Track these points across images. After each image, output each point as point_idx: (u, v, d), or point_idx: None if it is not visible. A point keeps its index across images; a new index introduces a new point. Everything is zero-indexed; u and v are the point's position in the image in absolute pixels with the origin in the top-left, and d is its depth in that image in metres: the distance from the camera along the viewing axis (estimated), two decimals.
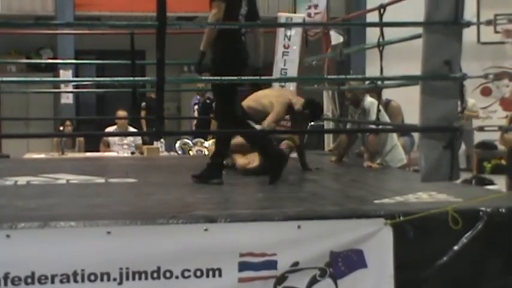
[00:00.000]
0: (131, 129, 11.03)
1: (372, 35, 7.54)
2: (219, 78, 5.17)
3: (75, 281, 3.28)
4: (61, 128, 11.37)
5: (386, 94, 7.47)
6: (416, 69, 4.26)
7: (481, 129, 4.55)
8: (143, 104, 12.58)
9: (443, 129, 4.15)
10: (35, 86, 10.66)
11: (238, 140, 5.91)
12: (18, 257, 3.25)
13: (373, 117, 6.46)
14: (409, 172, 6.50)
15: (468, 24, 4.21)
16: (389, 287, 3.59)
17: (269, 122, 6.12)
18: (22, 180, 5.41)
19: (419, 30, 4.47)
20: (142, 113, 12.27)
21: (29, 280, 3.24)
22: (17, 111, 14.09)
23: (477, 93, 13.42)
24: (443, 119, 4.13)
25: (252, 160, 5.92)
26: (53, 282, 3.26)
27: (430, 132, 4.19)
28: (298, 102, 6.33)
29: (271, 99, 6.30)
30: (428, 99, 4.17)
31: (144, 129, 11.86)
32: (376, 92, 7.23)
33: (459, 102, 4.27)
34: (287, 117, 6.70)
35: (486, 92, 13.84)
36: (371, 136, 6.62)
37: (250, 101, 6.37)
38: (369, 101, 6.63)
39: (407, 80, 6.17)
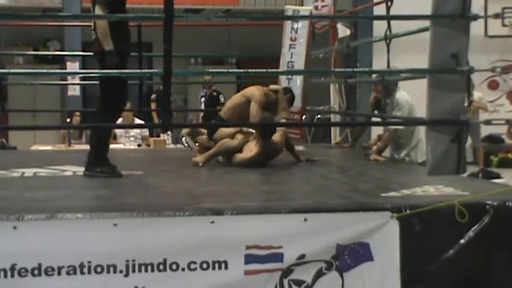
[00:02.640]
0: (138, 121, 11.04)
1: (379, 28, 7.52)
2: (225, 70, 5.17)
3: (82, 272, 3.29)
4: (68, 120, 11.40)
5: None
6: (423, 63, 4.25)
7: (488, 122, 4.54)
8: (153, 96, 12.62)
9: (450, 122, 4.14)
10: (42, 77, 10.67)
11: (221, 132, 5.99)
12: (25, 249, 3.26)
13: (399, 112, 6.47)
14: (415, 165, 6.48)
15: (475, 17, 4.19)
16: (395, 280, 3.59)
17: (256, 109, 6.13)
18: (29, 172, 5.42)
19: (426, 23, 4.45)
20: (153, 105, 12.30)
21: (36, 272, 3.25)
22: (24, 103, 14.09)
23: (484, 87, 13.38)
24: (450, 112, 4.12)
25: (248, 150, 5.93)
26: (59, 273, 3.27)
27: (437, 126, 4.18)
28: (273, 89, 6.47)
29: (247, 91, 6.36)
30: (436, 92, 4.16)
31: (156, 121, 11.88)
32: (383, 86, 7.22)
33: (466, 96, 4.26)
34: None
35: (493, 85, 13.79)
36: (388, 132, 6.61)
37: (229, 103, 6.48)
38: (402, 96, 6.59)
39: (414, 73, 6.17)
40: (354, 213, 3.64)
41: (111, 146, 10.57)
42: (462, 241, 3.68)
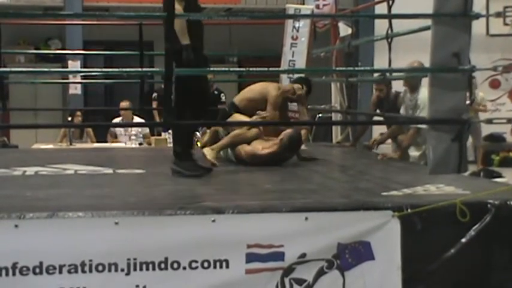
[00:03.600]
0: (138, 119, 11.04)
1: (380, 26, 7.52)
2: (226, 69, 5.18)
3: (83, 271, 3.29)
4: (69, 119, 11.40)
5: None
6: (424, 61, 4.25)
7: (489, 121, 4.54)
8: (154, 94, 12.60)
9: (451, 121, 4.14)
10: (43, 76, 10.67)
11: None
12: (26, 247, 3.26)
13: (418, 110, 6.49)
14: (417, 165, 6.48)
15: (477, 16, 4.19)
16: (396, 279, 3.59)
17: (270, 112, 6.15)
18: (30, 170, 5.43)
19: (428, 22, 4.45)
20: (154, 104, 12.29)
21: (37, 270, 3.25)
22: (26, 101, 14.12)
23: (486, 86, 13.39)
24: (452, 111, 4.12)
25: (260, 145, 5.92)
26: (60, 272, 3.28)
27: (438, 125, 4.18)
28: (291, 86, 6.45)
29: (264, 88, 6.35)
30: (437, 91, 4.16)
31: (157, 119, 11.87)
32: (385, 85, 7.23)
33: (468, 95, 4.26)
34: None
35: (495, 84, 13.80)
36: (412, 130, 6.63)
37: (248, 93, 6.41)
38: (425, 95, 6.60)
39: (416, 72, 6.17)
40: (355, 212, 3.64)
41: (111, 144, 10.66)
42: (463, 240, 3.68)
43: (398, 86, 7.24)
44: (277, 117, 6.25)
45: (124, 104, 11.34)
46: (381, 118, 7.30)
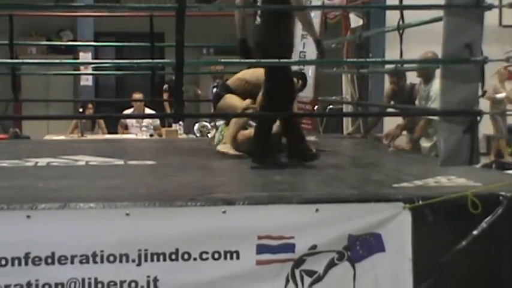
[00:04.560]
0: (149, 111, 11.05)
1: (392, 18, 7.50)
2: (237, 60, 5.18)
3: (95, 261, 3.31)
4: (81, 110, 11.43)
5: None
6: (437, 52, 4.23)
7: (503, 113, 4.52)
8: (165, 86, 12.62)
9: (463, 113, 4.12)
10: (55, 67, 10.71)
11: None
12: (38, 238, 3.28)
13: (429, 101, 6.47)
14: (428, 156, 6.46)
15: (490, 7, 4.17)
16: (407, 271, 3.59)
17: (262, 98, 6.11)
18: (42, 161, 5.44)
19: (439, 13, 4.43)
20: (165, 95, 12.30)
21: (49, 260, 3.27)
22: (38, 93, 14.16)
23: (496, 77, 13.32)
24: (464, 102, 4.11)
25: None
26: (72, 262, 3.29)
27: (449, 116, 4.16)
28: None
29: (261, 73, 6.28)
30: (449, 82, 4.15)
31: (168, 111, 11.89)
32: (399, 77, 7.21)
33: (480, 86, 4.24)
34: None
35: (508, 75, 13.72)
36: (423, 121, 6.61)
37: (243, 75, 6.35)
38: (437, 86, 6.60)
39: (427, 64, 6.15)
40: (366, 204, 3.63)
41: (122, 136, 10.68)
42: (475, 232, 3.67)
43: (413, 77, 7.22)
44: None
45: (136, 95, 11.37)
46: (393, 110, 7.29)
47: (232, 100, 6.07)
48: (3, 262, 3.23)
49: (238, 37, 5.26)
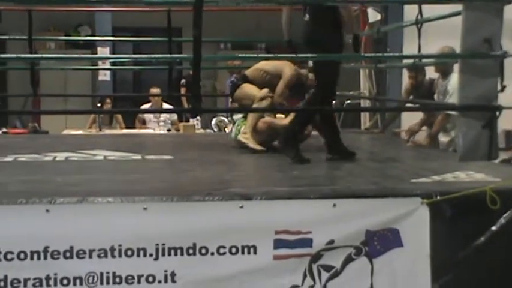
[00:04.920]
0: (166, 106, 11.08)
1: (410, 12, 7.45)
2: (255, 55, 5.17)
3: (113, 256, 3.32)
4: (98, 105, 11.48)
5: None
6: (455, 47, 4.21)
7: None
8: (183, 81, 12.64)
9: (482, 108, 4.10)
10: (73, 62, 10.73)
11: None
12: (57, 232, 3.29)
13: (447, 96, 6.45)
14: (447, 151, 6.44)
15: (509, 1, 4.14)
16: (425, 267, 3.58)
17: (281, 89, 6.09)
18: (61, 156, 5.47)
19: (458, 7, 4.41)
20: (183, 90, 12.32)
21: (68, 254, 3.29)
22: (56, 87, 14.22)
23: None
24: (482, 97, 4.09)
25: (279, 119, 5.91)
26: (90, 256, 3.30)
27: (468, 111, 4.14)
28: (307, 72, 6.37)
29: (279, 64, 6.26)
30: (468, 77, 4.12)
31: (185, 106, 11.90)
32: (419, 72, 7.17)
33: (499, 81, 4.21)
34: None
35: None
36: (441, 116, 6.59)
37: (262, 65, 6.34)
38: (456, 79, 6.56)
39: (446, 58, 6.11)
40: (384, 199, 3.62)
41: (140, 130, 10.72)
42: (493, 228, 3.65)
43: (432, 72, 7.18)
44: (285, 95, 6.17)
45: (154, 90, 11.40)
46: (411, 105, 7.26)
47: (250, 89, 6.08)
48: (22, 256, 3.25)
49: (285, 38, 5.29)
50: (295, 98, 6.33)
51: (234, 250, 3.42)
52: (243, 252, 3.43)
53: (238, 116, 6.53)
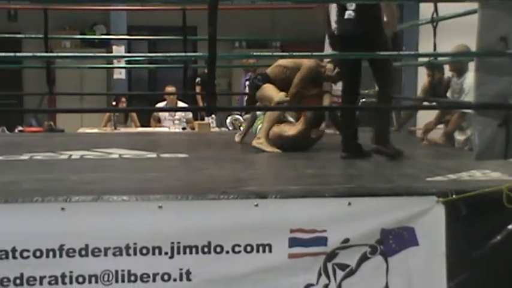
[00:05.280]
0: (182, 104, 11.09)
1: (426, 10, 7.42)
2: (270, 54, 5.16)
3: (128, 254, 3.33)
4: (114, 103, 11.51)
5: None
6: (471, 45, 4.19)
7: None
8: (198, 79, 12.65)
9: (498, 106, 4.08)
10: (88, 61, 10.78)
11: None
12: (72, 230, 3.30)
13: (463, 94, 6.42)
14: (462, 150, 6.41)
15: None
16: (441, 265, 3.57)
17: (298, 81, 6.09)
18: (76, 154, 5.49)
19: (474, 5, 4.38)
20: (198, 89, 12.33)
21: (83, 252, 3.30)
22: (71, 86, 14.27)
23: None
24: (498, 96, 4.06)
25: (288, 129, 5.92)
26: (106, 254, 3.32)
27: (484, 110, 4.12)
28: (325, 65, 6.35)
29: (299, 59, 6.27)
30: (483, 76, 4.10)
31: (200, 104, 11.92)
32: (437, 70, 7.15)
33: None
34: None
35: None
36: (456, 114, 6.56)
37: (281, 61, 6.35)
38: (471, 78, 6.53)
39: (462, 56, 6.09)
40: (399, 198, 3.61)
41: (155, 129, 10.74)
42: (510, 227, 3.63)
43: (446, 71, 7.16)
44: (303, 88, 6.17)
45: (169, 89, 11.42)
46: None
47: (269, 91, 6.08)
48: (38, 254, 3.26)
49: (327, 32, 5.29)
50: (312, 88, 6.31)
51: (249, 248, 3.42)
52: (258, 251, 3.43)
53: (259, 113, 6.56)
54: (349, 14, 5.16)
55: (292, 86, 6.05)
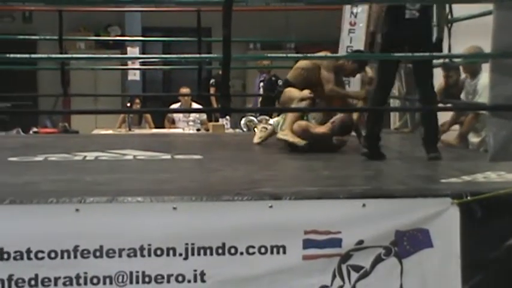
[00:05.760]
0: (196, 105, 11.11)
1: None
2: (284, 55, 5.17)
3: (142, 255, 3.33)
4: (128, 105, 11.54)
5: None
6: (485, 46, 4.17)
7: None
8: (212, 81, 12.67)
9: None
10: (103, 62, 10.80)
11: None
12: (87, 231, 3.31)
13: (477, 95, 6.40)
14: (477, 151, 6.38)
15: None
16: (455, 267, 3.55)
17: (327, 74, 6.12)
18: (91, 155, 5.51)
19: (489, 6, 4.37)
20: (212, 90, 12.35)
21: (98, 253, 3.30)
22: (86, 87, 14.32)
23: None
24: None
25: (315, 127, 5.92)
26: (120, 256, 3.32)
27: (499, 111, 4.10)
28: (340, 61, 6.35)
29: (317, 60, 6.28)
30: (498, 77, 4.08)
31: (214, 105, 11.94)
32: (447, 71, 7.12)
33: None
34: None
35: None
36: (470, 115, 6.54)
37: (300, 64, 6.39)
38: (485, 80, 6.50)
39: (477, 58, 6.06)
40: (414, 199, 3.60)
41: (169, 130, 10.76)
42: None
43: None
44: (333, 79, 6.16)
45: (183, 90, 11.44)
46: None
47: (292, 92, 6.13)
48: (52, 255, 3.27)
49: (372, 29, 5.27)
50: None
51: (263, 250, 3.42)
52: (272, 252, 3.42)
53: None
54: (412, 13, 5.13)
55: (325, 81, 6.06)
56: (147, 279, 3.35)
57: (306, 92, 5.97)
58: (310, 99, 5.95)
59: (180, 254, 3.36)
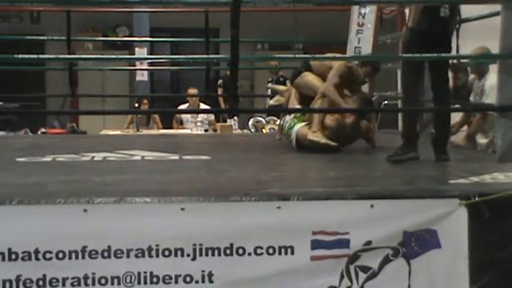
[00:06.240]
0: (204, 106, 11.12)
1: None
2: (292, 56, 5.16)
3: (150, 255, 3.34)
4: (136, 105, 11.56)
5: None
6: (493, 47, 4.17)
7: None
8: (220, 81, 12.68)
9: None
10: (111, 63, 10.82)
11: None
12: (95, 231, 3.32)
13: (484, 96, 6.39)
14: (485, 152, 6.37)
15: None
16: (463, 268, 3.55)
17: (332, 76, 6.06)
18: (98, 156, 5.52)
19: (497, 7, 4.36)
20: (220, 91, 12.36)
21: (106, 254, 3.31)
22: (94, 88, 14.35)
23: None
24: None
25: (342, 117, 5.88)
26: (128, 256, 3.33)
27: (507, 112, 4.10)
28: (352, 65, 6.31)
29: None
30: (506, 78, 4.08)
31: (222, 106, 11.95)
32: (455, 72, 7.11)
33: None
34: None
35: None
36: (478, 116, 6.53)
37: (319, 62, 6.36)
38: (493, 81, 6.49)
39: (485, 59, 6.05)
40: (422, 200, 3.59)
41: (177, 131, 10.77)
42: None
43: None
44: (337, 82, 6.13)
45: (191, 91, 11.45)
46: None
47: (312, 79, 6.07)
48: (60, 255, 3.28)
49: (410, 25, 5.23)
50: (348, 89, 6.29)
51: (271, 251, 3.42)
52: (280, 253, 3.42)
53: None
54: (445, 12, 5.13)
55: (328, 81, 6.02)
56: (155, 279, 3.35)
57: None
58: (328, 96, 5.89)
59: (188, 255, 3.36)
